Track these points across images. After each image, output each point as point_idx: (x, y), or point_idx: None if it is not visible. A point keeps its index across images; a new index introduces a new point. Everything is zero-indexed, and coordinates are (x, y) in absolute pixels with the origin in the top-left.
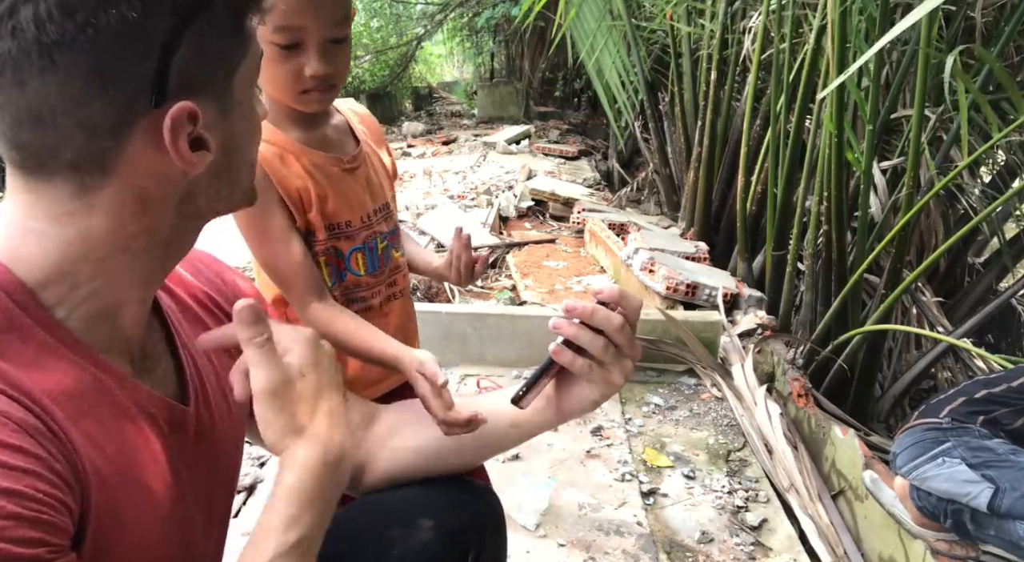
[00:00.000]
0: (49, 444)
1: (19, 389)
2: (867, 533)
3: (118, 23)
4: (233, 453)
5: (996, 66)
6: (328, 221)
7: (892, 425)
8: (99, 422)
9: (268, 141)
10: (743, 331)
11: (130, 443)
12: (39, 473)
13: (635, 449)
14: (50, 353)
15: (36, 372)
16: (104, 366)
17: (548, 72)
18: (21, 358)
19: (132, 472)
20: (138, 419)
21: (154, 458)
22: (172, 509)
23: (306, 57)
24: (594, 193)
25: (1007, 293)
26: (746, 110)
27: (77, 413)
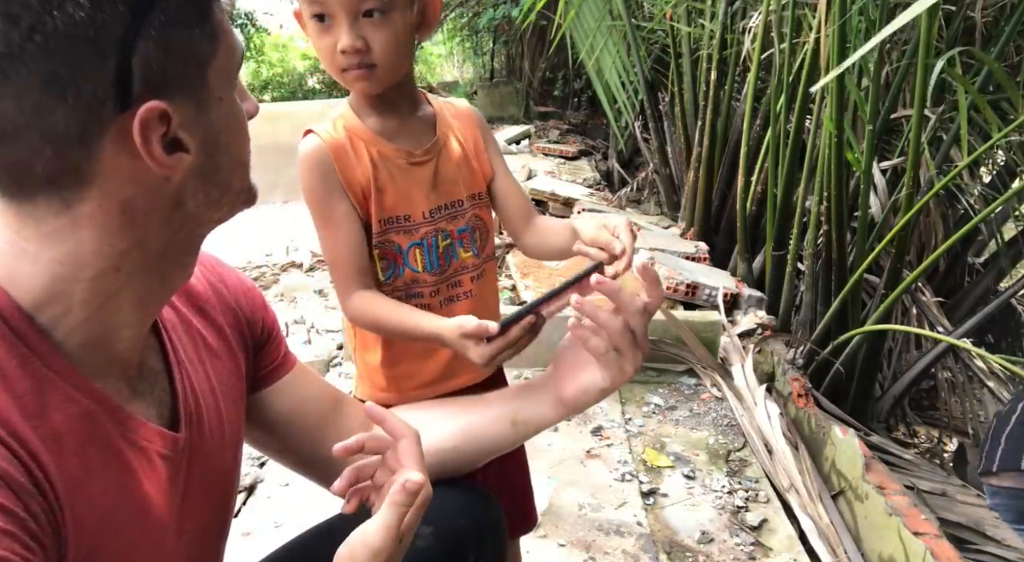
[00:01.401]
0: (30, 500)
1: (10, 430)
2: (867, 533)
3: (66, 25)
4: (229, 471)
5: (995, 67)
6: (385, 214)
7: (892, 425)
8: (86, 463)
9: (345, 128)
10: (743, 331)
11: (120, 481)
12: (15, 534)
13: (635, 449)
14: (46, 384)
15: (30, 406)
16: (99, 396)
17: (548, 72)
18: (17, 389)
19: (121, 514)
20: (129, 454)
21: (146, 493)
22: (170, 539)
23: (338, 31)
24: (594, 193)
25: (1007, 293)
26: (746, 110)
27: (65, 453)
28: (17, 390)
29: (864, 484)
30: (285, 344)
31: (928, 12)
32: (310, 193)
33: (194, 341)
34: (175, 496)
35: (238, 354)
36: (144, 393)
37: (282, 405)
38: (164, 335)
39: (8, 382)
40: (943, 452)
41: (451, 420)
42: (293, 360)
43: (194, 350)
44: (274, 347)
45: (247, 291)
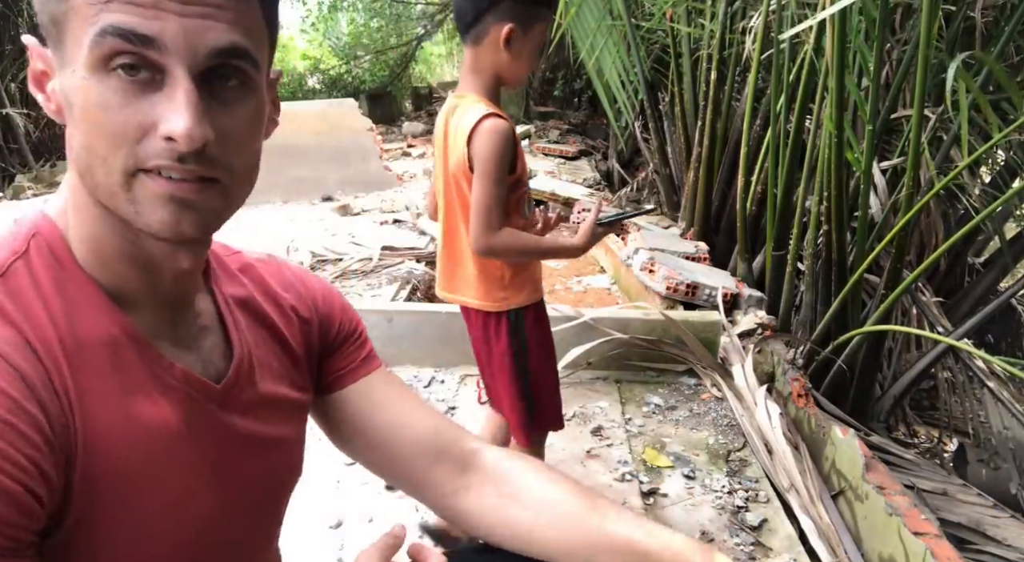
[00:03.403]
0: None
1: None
2: (867, 533)
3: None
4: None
5: (996, 68)
6: (524, 175)
7: (892, 425)
8: (106, 385)
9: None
10: (743, 331)
11: (140, 411)
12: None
13: (635, 449)
14: (76, 307)
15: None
16: (127, 328)
17: (548, 72)
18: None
19: (141, 442)
20: (153, 388)
21: (174, 431)
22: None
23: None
24: (594, 193)
25: (1007, 293)
26: (746, 110)
27: (87, 370)
28: (51, 307)
29: (864, 484)
30: (369, 350)
31: (928, 12)
32: (498, 158)
33: (259, 321)
34: (211, 446)
35: (300, 350)
36: (189, 345)
37: (356, 408)
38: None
39: (44, 299)
40: (943, 452)
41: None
42: (376, 365)
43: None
44: (354, 349)
45: (326, 293)
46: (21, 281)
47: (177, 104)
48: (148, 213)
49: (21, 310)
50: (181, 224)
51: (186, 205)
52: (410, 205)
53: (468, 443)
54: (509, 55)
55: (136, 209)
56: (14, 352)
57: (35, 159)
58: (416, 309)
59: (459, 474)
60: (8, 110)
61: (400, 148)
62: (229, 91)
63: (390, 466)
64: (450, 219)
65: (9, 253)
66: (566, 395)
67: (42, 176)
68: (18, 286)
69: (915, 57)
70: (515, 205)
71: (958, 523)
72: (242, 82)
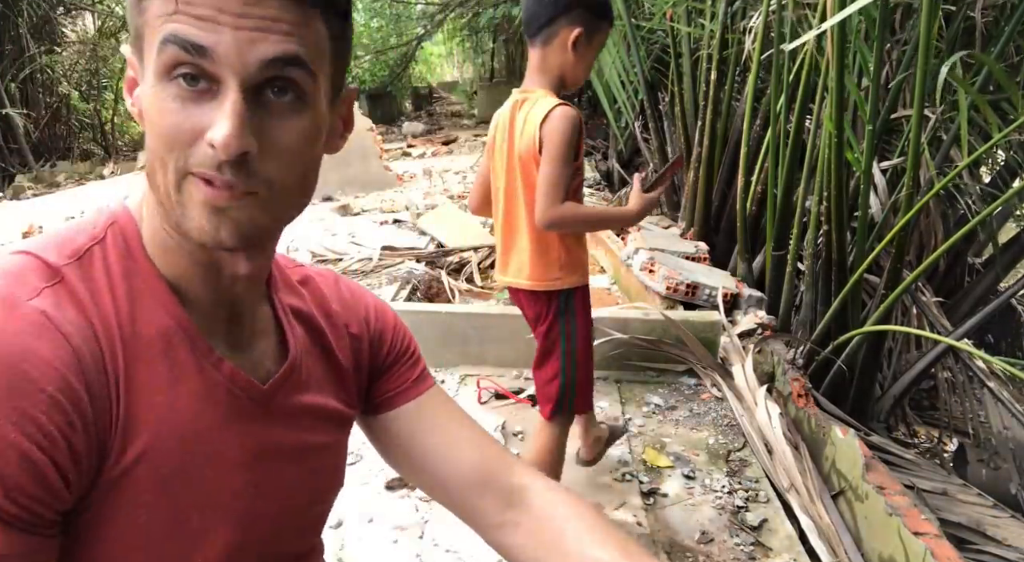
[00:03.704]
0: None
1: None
2: (867, 533)
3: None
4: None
5: (995, 69)
6: (581, 165)
7: (892, 425)
8: (155, 372)
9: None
10: (743, 331)
11: (185, 402)
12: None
13: (635, 449)
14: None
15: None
16: (183, 321)
17: None
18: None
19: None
20: (199, 381)
21: (215, 422)
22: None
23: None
24: (594, 193)
25: (1007, 293)
26: (746, 110)
27: (141, 358)
28: (117, 295)
29: (864, 484)
30: (421, 369)
31: (928, 12)
32: (566, 141)
33: (312, 334)
34: (250, 445)
35: (349, 366)
36: (242, 346)
37: (405, 430)
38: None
39: (112, 287)
40: (943, 452)
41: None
42: (427, 386)
43: (309, 340)
44: (405, 369)
45: (380, 311)
46: (95, 266)
47: (222, 112)
48: (189, 218)
49: (90, 294)
50: (219, 231)
51: (223, 213)
52: (410, 205)
53: (517, 476)
54: (574, 57)
55: (182, 212)
56: (76, 333)
57: (35, 159)
58: (416, 309)
59: (505, 508)
60: (8, 110)
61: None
62: (283, 104)
63: (438, 491)
64: (510, 203)
65: (88, 238)
66: None
67: (42, 176)
68: (92, 271)
69: (915, 57)
70: (573, 193)
71: (958, 523)
72: (297, 95)
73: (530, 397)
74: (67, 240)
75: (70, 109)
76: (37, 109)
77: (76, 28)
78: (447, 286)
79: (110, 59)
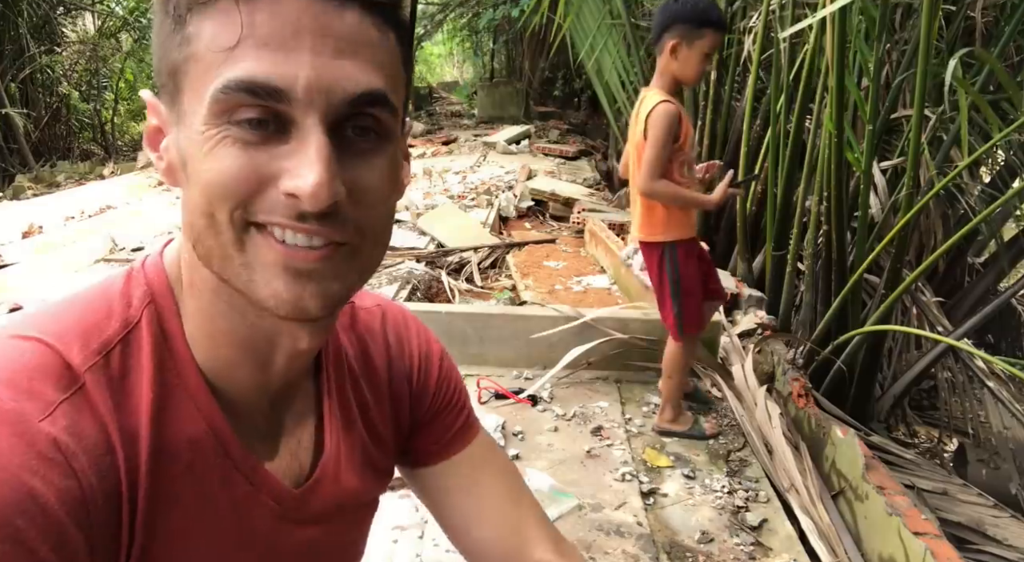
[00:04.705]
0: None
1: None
2: (867, 533)
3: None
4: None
5: (997, 68)
6: (684, 146)
7: (892, 425)
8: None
9: (672, 100)
10: (743, 331)
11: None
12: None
13: (635, 449)
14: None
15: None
16: (217, 424)
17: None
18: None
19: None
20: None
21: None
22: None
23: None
24: (594, 193)
25: (1007, 293)
26: (746, 110)
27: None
28: (145, 399)
29: (864, 484)
30: (466, 417)
31: (928, 12)
32: (662, 130)
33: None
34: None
35: (389, 428)
36: (281, 436)
37: (441, 486)
38: (325, 388)
39: (141, 391)
40: (943, 452)
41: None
42: (471, 437)
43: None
44: (450, 420)
45: (426, 358)
46: (122, 369)
47: (307, 158)
48: (262, 283)
49: (114, 405)
50: (303, 300)
51: (307, 276)
52: (410, 205)
53: (539, 552)
54: (678, 62)
55: (250, 276)
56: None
57: (35, 159)
58: (416, 309)
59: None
60: (8, 110)
61: None
62: (365, 142)
63: (463, 552)
64: (633, 176)
65: (121, 325)
66: (566, 394)
67: (42, 176)
68: (119, 372)
69: (915, 57)
70: (679, 166)
71: (958, 523)
72: (380, 134)
73: (530, 397)
74: (95, 327)
75: (70, 109)
76: (37, 109)
77: (76, 28)
78: (447, 286)
79: (110, 59)
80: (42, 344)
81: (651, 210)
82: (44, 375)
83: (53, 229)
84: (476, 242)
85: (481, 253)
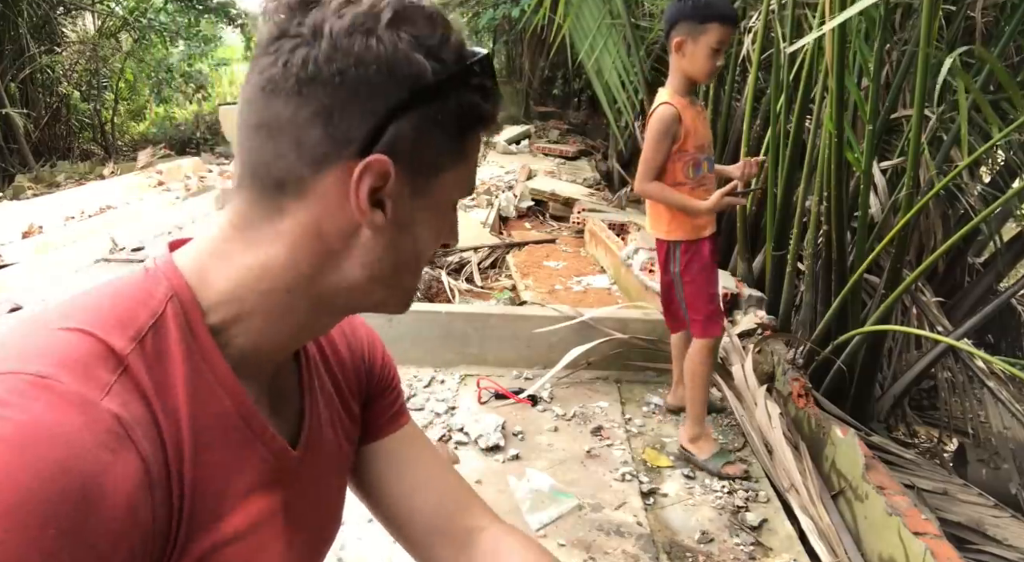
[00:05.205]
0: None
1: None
2: (867, 533)
3: (362, 81)
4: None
5: (997, 67)
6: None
7: (892, 425)
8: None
9: (676, 101)
10: (743, 331)
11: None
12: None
13: (635, 449)
14: (199, 376)
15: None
16: (241, 400)
17: (548, 72)
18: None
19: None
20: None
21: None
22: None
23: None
24: (594, 193)
25: (1007, 293)
26: (746, 110)
27: (204, 443)
28: (179, 381)
29: (864, 484)
30: (401, 404)
31: (928, 12)
32: (657, 132)
33: (327, 377)
34: (285, 506)
35: (355, 402)
36: (280, 409)
37: (375, 468)
38: (304, 363)
39: (175, 374)
40: (943, 452)
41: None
42: (403, 422)
43: (326, 384)
44: (387, 403)
45: (372, 340)
46: (157, 352)
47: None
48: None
49: (154, 386)
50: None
51: None
52: None
53: (472, 519)
54: (685, 58)
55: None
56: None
57: (35, 159)
58: (416, 309)
59: (458, 553)
60: (8, 110)
61: None
62: None
63: (399, 532)
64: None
65: (149, 314)
66: (566, 394)
67: (42, 176)
68: (153, 358)
69: (915, 57)
70: (683, 167)
71: (958, 523)
72: None
73: (530, 397)
74: (127, 317)
75: (70, 109)
76: (37, 109)
77: (76, 28)
78: (447, 286)
79: (110, 59)
80: (86, 334)
81: (656, 207)
82: (96, 360)
83: (53, 229)
84: (476, 242)
85: (481, 253)
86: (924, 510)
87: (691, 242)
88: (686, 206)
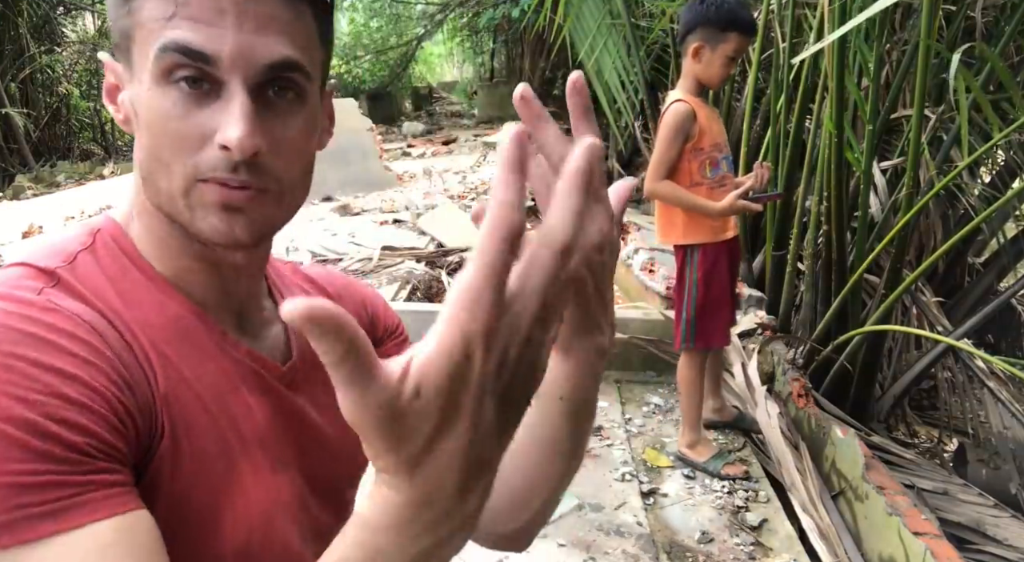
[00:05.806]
0: (123, 351)
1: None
2: (867, 533)
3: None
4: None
5: (999, 65)
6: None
7: (892, 425)
8: (179, 352)
9: (690, 99)
10: (743, 331)
11: (212, 380)
12: (101, 367)
13: (635, 449)
14: (141, 288)
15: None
16: (190, 307)
17: (548, 72)
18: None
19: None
20: (222, 362)
21: (243, 403)
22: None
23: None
24: None
25: (1007, 293)
26: (746, 110)
27: (160, 340)
28: (119, 289)
29: (864, 484)
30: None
31: (928, 11)
32: (669, 130)
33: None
34: (277, 425)
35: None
36: (253, 334)
37: None
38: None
39: (113, 283)
40: (943, 452)
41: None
42: None
43: None
44: (394, 346)
45: (373, 295)
46: (89, 269)
47: (232, 115)
48: (202, 219)
49: (92, 291)
50: (234, 230)
51: (238, 210)
52: (410, 205)
53: None
54: (701, 64)
55: (191, 215)
56: (92, 319)
57: (35, 159)
58: (416, 309)
59: None
60: (8, 110)
61: (400, 148)
62: (283, 103)
63: None
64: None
65: (76, 245)
66: None
67: (42, 176)
68: (87, 273)
69: (915, 57)
70: (699, 166)
71: (958, 523)
72: (296, 94)
73: None
74: (57, 248)
75: (70, 109)
76: (37, 109)
77: (76, 28)
78: (447, 286)
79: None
80: (18, 265)
81: (668, 211)
82: (25, 277)
83: (53, 229)
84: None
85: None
86: (924, 510)
87: (710, 245)
88: (697, 206)
